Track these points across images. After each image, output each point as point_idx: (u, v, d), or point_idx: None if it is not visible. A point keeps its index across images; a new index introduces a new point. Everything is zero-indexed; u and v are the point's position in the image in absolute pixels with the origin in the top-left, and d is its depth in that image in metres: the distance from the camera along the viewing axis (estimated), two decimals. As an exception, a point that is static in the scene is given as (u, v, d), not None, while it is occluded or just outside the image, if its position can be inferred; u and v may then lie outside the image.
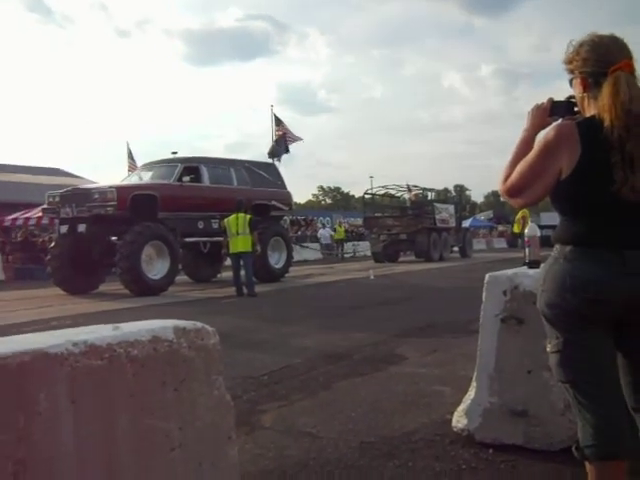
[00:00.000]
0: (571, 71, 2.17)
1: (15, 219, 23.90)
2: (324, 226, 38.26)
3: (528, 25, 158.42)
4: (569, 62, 2.17)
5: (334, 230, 34.87)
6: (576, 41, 2.16)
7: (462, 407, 3.59)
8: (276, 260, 16.84)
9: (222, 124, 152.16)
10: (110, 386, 1.78)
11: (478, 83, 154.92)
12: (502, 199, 2.36)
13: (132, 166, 26.39)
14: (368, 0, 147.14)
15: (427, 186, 31.25)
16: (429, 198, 30.44)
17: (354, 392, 4.83)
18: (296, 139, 29.52)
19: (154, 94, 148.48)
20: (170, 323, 1.96)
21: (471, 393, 3.55)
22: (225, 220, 13.45)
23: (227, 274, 17.64)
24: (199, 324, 2.01)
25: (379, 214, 28.83)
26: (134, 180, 16.15)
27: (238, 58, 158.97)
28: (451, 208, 29.45)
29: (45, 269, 16.42)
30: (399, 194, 30.82)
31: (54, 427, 1.63)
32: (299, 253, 30.95)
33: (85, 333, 1.77)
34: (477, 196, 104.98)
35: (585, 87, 2.12)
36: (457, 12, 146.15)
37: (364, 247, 31.57)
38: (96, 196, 13.95)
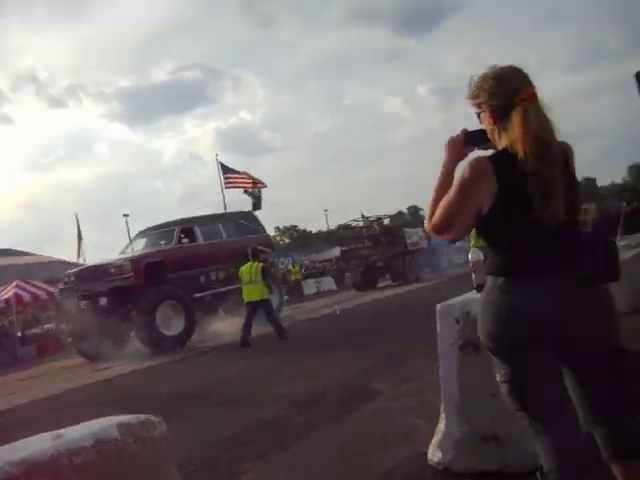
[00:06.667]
0: (478, 105, 2.19)
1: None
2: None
3: (457, 39, 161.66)
4: (475, 97, 2.19)
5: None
6: (477, 76, 2.18)
7: (435, 440, 3.57)
8: None
9: (169, 179, 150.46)
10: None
11: (417, 104, 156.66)
12: None
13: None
14: (297, 38, 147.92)
15: (381, 213, 31.97)
16: (385, 224, 31.00)
17: (331, 438, 4.79)
18: (261, 185, 29.58)
19: (96, 159, 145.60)
20: (114, 421, 1.91)
21: (441, 425, 3.54)
22: (240, 269, 13.76)
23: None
24: (142, 416, 1.97)
25: (354, 246, 29.68)
26: (138, 248, 17.33)
27: (175, 111, 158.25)
28: (420, 231, 30.25)
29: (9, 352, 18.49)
30: (362, 225, 31.43)
31: None
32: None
33: (25, 449, 1.71)
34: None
35: (495, 120, 2.14)
36: (387, 37, 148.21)
37: (328, 282, 31.75)
38: (112, 270, 15.06)
